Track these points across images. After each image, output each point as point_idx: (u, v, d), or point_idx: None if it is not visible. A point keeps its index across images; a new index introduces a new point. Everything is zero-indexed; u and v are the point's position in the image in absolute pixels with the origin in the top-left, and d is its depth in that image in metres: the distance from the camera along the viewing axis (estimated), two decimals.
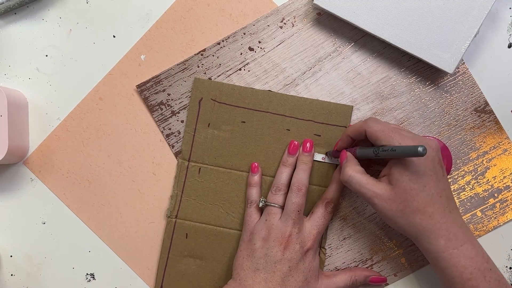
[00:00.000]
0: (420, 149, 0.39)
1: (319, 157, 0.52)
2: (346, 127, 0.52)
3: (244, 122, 0.52)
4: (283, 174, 0.50)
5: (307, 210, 0.52)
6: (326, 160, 0.52)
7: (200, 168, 0.52)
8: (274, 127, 0.52)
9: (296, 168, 0.51)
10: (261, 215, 0.50)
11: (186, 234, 0.52)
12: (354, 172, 0.45)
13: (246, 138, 0.52)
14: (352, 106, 0.52)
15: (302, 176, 0.49)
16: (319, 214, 0.49)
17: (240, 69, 0.54)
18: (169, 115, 0.54)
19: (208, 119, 0.52)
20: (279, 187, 0.50)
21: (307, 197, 0.50)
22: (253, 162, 0.52)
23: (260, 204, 0.50)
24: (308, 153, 0.51)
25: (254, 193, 0.51)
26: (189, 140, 0.53)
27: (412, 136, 0.44)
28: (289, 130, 0.52)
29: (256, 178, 0.52)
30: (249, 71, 0.54)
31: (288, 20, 0.53)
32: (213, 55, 0.53)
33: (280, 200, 0.49)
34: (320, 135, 0.52)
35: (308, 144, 0.51)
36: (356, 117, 0.53)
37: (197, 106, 0.52)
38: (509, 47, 0.53)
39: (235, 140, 0.52)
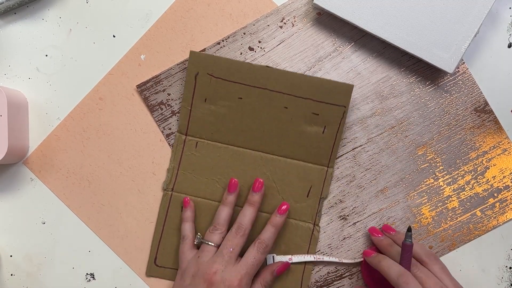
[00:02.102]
0: None
1: (285, 258, 0.52)
2: (345, 106, 0.51)
3: (241, 98, 0.51)
4: (222, 213, 0.50)
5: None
6: (294, 260, 0.52)
7: (197, 143, 0.52)
8: (271, 104, 0.51)
9: (243, 207, 0.50)
10: (193, 251, 0.50)
11: (182, 207, 0.53)
12: None
13: (243, 115, 0.52)
14: (353, 85, 0.51)
15: (245, 220, 0.49)
16: (250, 254, 0.48)
17: None
18: (169, 115, 0.54)
19: (204, 94, 0.52)
20: (216, 227, 0.49)
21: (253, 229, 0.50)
22: (185, 197, 0.52)
23: (196, 241, 0.50)
24: (256, 192, 0.50)
25: (187, 228, 0.51)
26: (186, 115, 0.52)
27: None
28: (287, 108, 0.51)
29: (188, 213, 0.51)
30: None
31: (288, 20, 0.53)
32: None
33: (216, 239, 0.48)
34: (318, 114, 0.51)
35: (258, 184, 0.50)
36: (356, 116, 0.53)
37: (193, 81, 0.52)
38: (509, 47, 0.54)
39: (232, 116, 0.52)
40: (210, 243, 0.48)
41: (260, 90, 0.51)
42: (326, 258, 0.53)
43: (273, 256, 0.52)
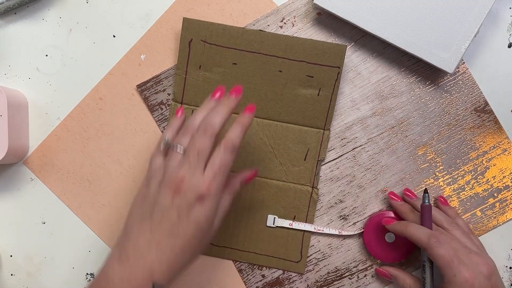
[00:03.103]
0: None
1: (286, 223, 0.52)
2: (339, 67, 0.51)
3: (236, 64, 0.51)
4: (197, 116, 0.44)
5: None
6: (294, 226, 0.52)
7: (192, 110, 0.52)
8: (265, 68, 0.51)
9: (215, 106, 0.43)
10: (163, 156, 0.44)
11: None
12: (413, 285, 0.50)
13: (237, 80, 0.52)
14: (346, 46, 0.51)
15: (214, 119, 0.42)
16: (216, 155, 0.41)
17: None
18: (169, 115, 0.54)
19: (198, 61, 0.52)
20: (187, 130, 0.43)
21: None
22: (180, 106, 0.49)
23: (162, 146, 0.44)
24: (234, 98, 0.43)
25: (167, 133, 0.45)
26: (180, 83, 0.52)
27: (468, 260, 0.45)
28: (281, 71, 0.51)
29: (177, 121, 0.46)
30: None
31: (288, 20, 0.53)
32: None
33: (185, 142, 0.42)
34: (312, 76, 0.51)
35: (237, 90, 0.44)
36: (356, 116, 0.53)
37: (187, 48, 0.52)
38: (509, 47, 0.54)
39: (227, 82, 0.52)
40: (177, 146, 0.42)
41: (254, 55, 0.51)
42: (326, 230, 0.53)
43: (274, 218, 0.52)
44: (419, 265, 0.53)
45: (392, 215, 0.52)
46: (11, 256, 0.54)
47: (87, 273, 0.54)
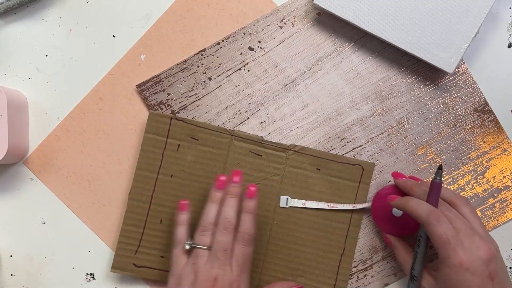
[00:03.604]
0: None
1: (299, 203, 0.52)
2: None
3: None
4: (211, 212, 0.47)
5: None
6: (307, 205, 0.52)
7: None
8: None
9: (224, 203, 0.47)
10: (186, 256, 0.47)
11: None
12: (405, 260, 0.49)
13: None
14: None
15: (229, 212, 0.46)
16: (237, 252, 0.45)
17: (240, 69, 0.54)
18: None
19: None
20: (206, 227, 0.46)
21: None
22: (181, 200, 0.49)
23: (186, 247, 0.46)
24: (236, 183, 0.47)
25: (182, 232, 0.48)
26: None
27: (468, 240, 0.43)
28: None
29: (183, 216, 0.49)
30: (249, 71, 0.54)
31: (288, 20, 0.53)
32: (213, 55, 0.53)
33: (208, 241, 0.46)
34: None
35: (236, 174, 0.48)
36: (356, 116, 0.53)
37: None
38: (509, 47, 0.54)
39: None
40: (202, 246, 0.46)
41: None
42: (339, 206, 0.52)
43: (287, 199, 0.52)
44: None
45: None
46: (11, 256, 0.54)
47: (87, 273, 0.54)
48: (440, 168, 0.46)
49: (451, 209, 0.45)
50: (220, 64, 0.53)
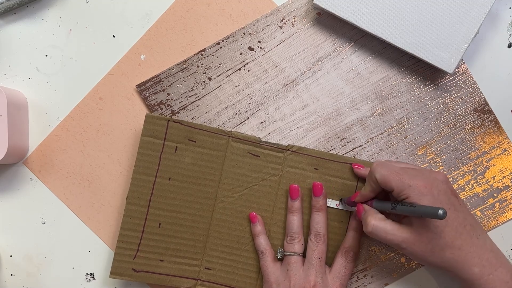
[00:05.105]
0: (440, 212, 0.38)
1: (333, 203, 0.52)
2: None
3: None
4: (294, 222, 0.50)
5: (329, 260, 0.51)
6: (340, 207, 0.52)
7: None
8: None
9: (311, 214, 0.50)
10: (277, 264, 0.50)
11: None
12: (376, 221, 0.45)
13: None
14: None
15: (319, 224, 0.49)
16: (340, 265, 0.49)
17: (240, 69, 0.54)
18: (169, 115, 0.54)
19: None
20: (293, 236, 0.50)
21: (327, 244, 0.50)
22: (251, 212, 0.51)
23: (278, 256, 0.50)
24: (319, 197, 0.50)
25: (262, 242, 0.50)
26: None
27: (420, 173, 0.44)
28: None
29: (258, 227, 0.51)
30: (249, 71, 0.54)
31: (288, 20, 0.53)
32: (213, 55, 0.53)
33: (297, 248, 0.49)
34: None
35: (318, 188, 0.50)
36: (356, 116, 0.53)
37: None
38: (509, 47, 0.54)
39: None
40: (293, 253, 0.49)
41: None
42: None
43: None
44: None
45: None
46: (11, 256, 0.54)
47: (87, 273, 0.54)
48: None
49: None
50: (220, 64, 0.54)
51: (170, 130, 0.51)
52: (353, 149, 0.53)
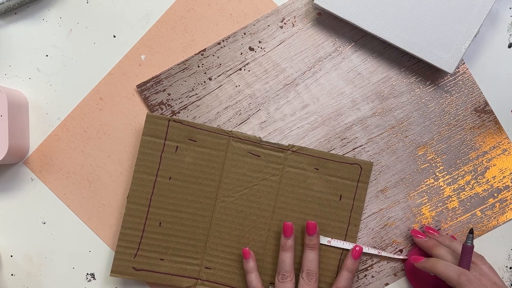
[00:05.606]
0: None
1: (324, 240, 0.51)
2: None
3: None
4: (286, 260, 0.50)
5: None
6: (332, 244, 0.52)
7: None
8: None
9: (304, 252, 0.50)
10: None
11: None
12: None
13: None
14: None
15: (311, 262, 0.49)
16: None
17: (240, 69, 0.54)
18: (169, 115, 0.54)
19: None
20: (285, 275, 0.49)
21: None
22: (244, 248, 0.51)
23: None
24: (313, 235, 0.50)
25: (254, 279, 0.50)
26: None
27: None
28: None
29: (251, 263, 0.51)
30: (249, 71, 0.54)
31: (288, 20, 0.53)
32: (213, 55, 0.53)
33: (289, 286, 0.49)
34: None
35: (311, 226, 0.50)
36: (356, 116, 0.53)
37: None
38: (509, 47, 0.54)
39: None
40: None
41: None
42: (365, 249, 0.52)
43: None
44: None
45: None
46: (11, 256, 0.54)
47: (87, 273, 0.54)
48: (471, 232, 0.47)
49: (475, 267, 0.47)
50: (220, 64, 0.54)
51: (170, 129, 0.51)
52: (353, 149, 0.53)
